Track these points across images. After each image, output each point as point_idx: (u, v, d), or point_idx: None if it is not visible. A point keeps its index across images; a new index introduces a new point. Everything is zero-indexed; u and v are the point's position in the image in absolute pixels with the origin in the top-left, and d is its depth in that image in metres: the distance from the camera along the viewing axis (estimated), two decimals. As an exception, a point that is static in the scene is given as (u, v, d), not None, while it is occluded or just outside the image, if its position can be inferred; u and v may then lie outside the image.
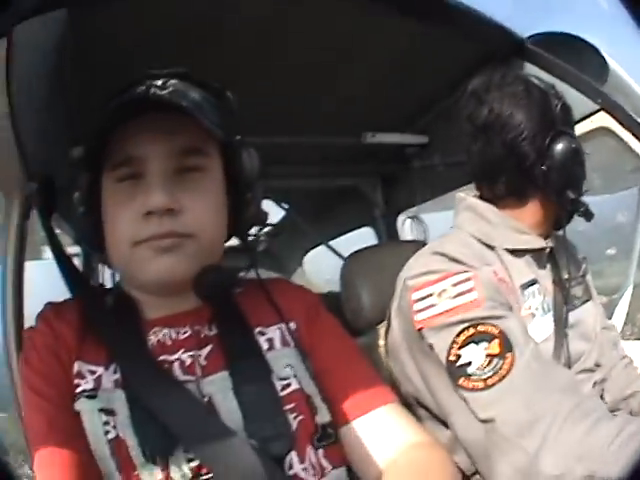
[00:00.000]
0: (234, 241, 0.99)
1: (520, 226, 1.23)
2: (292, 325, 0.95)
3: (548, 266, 1.27)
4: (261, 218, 0.96)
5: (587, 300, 1.34)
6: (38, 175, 1.19)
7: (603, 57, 1.80)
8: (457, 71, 1.72)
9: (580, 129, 1.53)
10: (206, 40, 1.41)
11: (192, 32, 1.37)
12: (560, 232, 1.28)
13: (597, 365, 1.26)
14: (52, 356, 0.83)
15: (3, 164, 1.24)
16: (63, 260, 1.02)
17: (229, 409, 0.82)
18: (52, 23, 1.09)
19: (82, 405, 0.80)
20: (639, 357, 1.39)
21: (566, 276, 1.28)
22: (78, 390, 0.81)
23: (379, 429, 0.89)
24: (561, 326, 1.19)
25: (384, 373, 1.26)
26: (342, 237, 2.95)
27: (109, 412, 0.79)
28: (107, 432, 0.78)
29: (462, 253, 1.14)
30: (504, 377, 0.97)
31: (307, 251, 3.31)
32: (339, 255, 2.66)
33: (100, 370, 0.83)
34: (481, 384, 0.98)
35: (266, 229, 0.98)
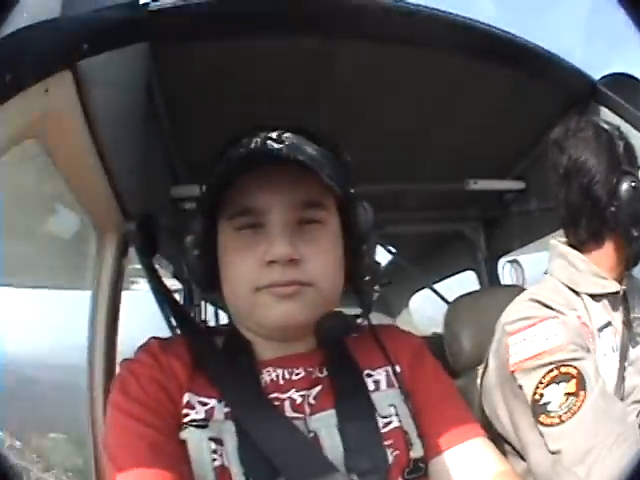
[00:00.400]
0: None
1: (600, 271, 1.29)
2: (397, 368, 0.97)
3: (620, 308, 1.32)
4: (374, 268, 0.99)
5: None
6: (138, 214, 1.25)
7: None
8: (544, 117, 1.78)
9: None
10: (317, 89, 1.54)
11: (302, 79, 1.47)
12: (630, 272, 1.34)
13: None
14: (157, 387, 0.85)
15: (97, 201, 1.23)
16: (166, 297, 1.11)
17: (332, 444, 0.85)
18: (132, 57, 1.12)
19: (190, 434, 0.83)
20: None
21: (634, 316, 1.33)
22: (186, 420, 0.84)
23: (469, 460, 0.91)
24: (624, 363, 1.25)
25: (477, 413, 1.31)
26: (446, 281, 3.04)
27: (218, 441, 0.82)
28: (214, 460, 0.81)
29: (553, 300, 1.23)
30: (575, 413, 1.08)
31: (412, 294, 3.42)
32: (443, 299, 2.73)
33: (212, 402, 0.87)
34: (557, 420, 1.09)
35: (380, 280, 1.02)
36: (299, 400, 0.88)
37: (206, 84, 1.43)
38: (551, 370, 1.12)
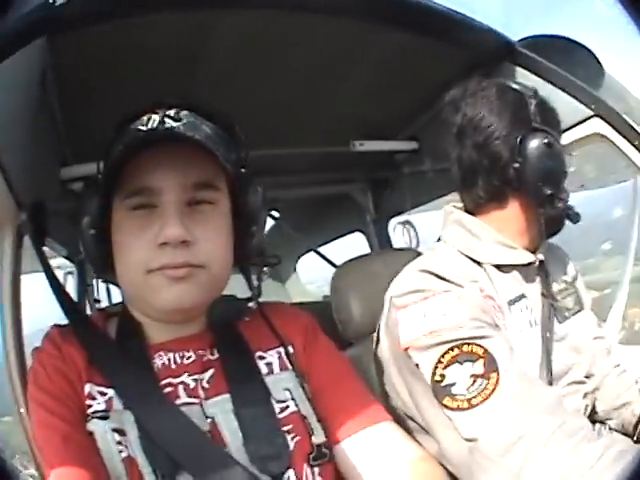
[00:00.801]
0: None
1: (505, 239, 1.21)
2: (290, 349, 0.99)
3: (537, 279, 1.26)
4: (263, 249, 1.00)
5: (579, 310, 1.32)
6: (28, 204, 1.25)
7: (598, 61, 1.77)
8: (447, 76, 1.67)
9: (573, 135, 1.53)
10: (199, 55, 1.41)
11: (184, 48, 1.37)
12: (550, 240, 1.27)
13: (587, 376, 1.25)
14: (62, 378, 0.86)
15: None
16: (54, 286, 1.08)
17: (230, 430, 0.86)
18: (31, 52, 1.08)
19: (94, 426, 0.83)
20: (632, 362, 1.40)
21: (557, 288, 1.28)
22: (90, 411, 0.84)
23: (379, 445, 0.94)
24: (548, 340, 1.19)
25: (375, 386, 1.26)
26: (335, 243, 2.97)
27: (121, 432, 0.83)
28: (120, 451, 0.82)
29: (447, 270, 1.13)
30: (488, 397, 0.99)
31: (299, 257, 3.31)
32: (330, 262, 2.69)
33: (111, 392, 0.86)
34: (466, 404, 1.00)
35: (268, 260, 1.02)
36: (192, 384, 0.89)
37: (94, 66, 1.34)
38: (451, 349, 1.03)
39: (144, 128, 0.88)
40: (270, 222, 2.63)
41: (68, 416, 0.83)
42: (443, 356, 1.03)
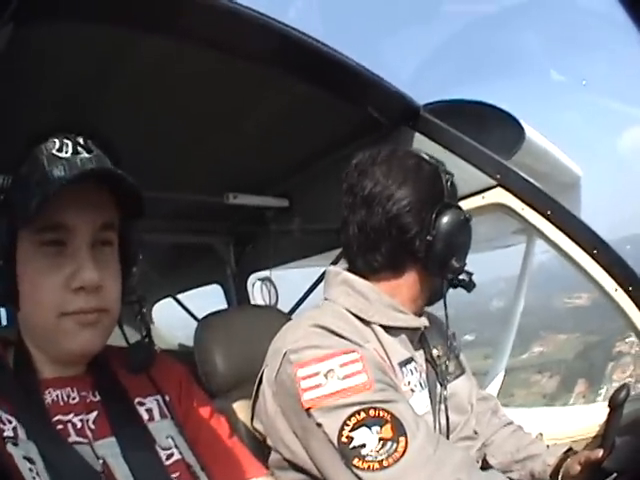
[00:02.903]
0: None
1: (396, 304, 1.20)
2: (167, 397, 0.97)
3: (421, 345, 1.27)
4: (138, 291, 0.98)
5: (460, 374, 1.34)
6: None
7: (519, 125, 1.81)
8: (335, 137, 1.67)
9: (475, 202, 1.55)
10: (102, 80, 1.30)
11: (92, 70, 1.26)
12: (430, 307, 1.28)
13: (476, 433, 1.29)
14: None
15: None
16: None
17: (123, 474, 0.84)
18: None
19: (10, 450, 0.79)
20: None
21: (438, 353, 1.29)
22: (4, 435, 0.80)
23: None
24: (436, 401, 1.21)
25: (246, 438, 1.23)
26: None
27: (30, 460, 0.79)
28: (34, 478, 0.78)
29: (341, 327, 1.11)
30: (399, 460, 0.98)
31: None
32: (192, 315, 2.64)
33: (14, 421, 0.82)
34: (377, 465, 0.98)
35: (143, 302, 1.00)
36: (79, 425, 0.86)
37: (14, 73, 1.18)
38: (357, 412, 1.01)
39: (63, 155, 0.84)
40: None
41: None
42: (349, 418, 1.00)
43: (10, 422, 0.82)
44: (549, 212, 1.48)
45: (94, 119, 0.87)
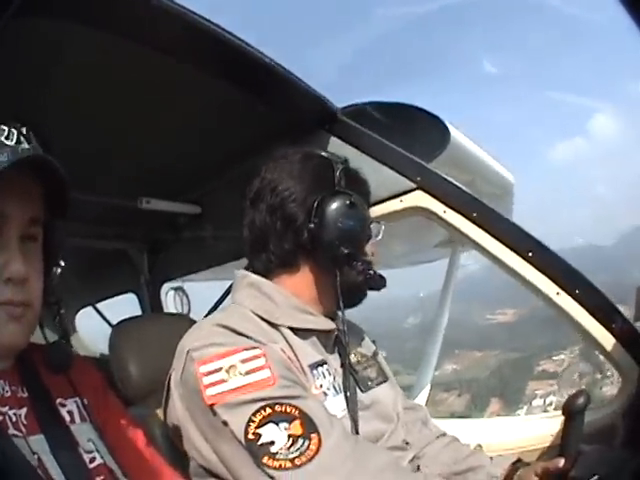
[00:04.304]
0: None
1: (303, 305, 1.18)
2: (85, 401, 0.96)
3: (336, 349, 1.23)
4: (58, 288, 0.96)
5: (383, 381, 1.30)
6: None
7: (445, 127, 1.77)
8: (249, 142, 1.61)
9: (393, 206, 1.50)
10: (40, 69, 1.24)
11: (35, 58, 1.20)
12: (340, 313, 1.22)
13: (407, 443, 1.24)
14: None
15: None
16: None
17: (56, 472, 0.83)
18: None
19: None
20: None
21: (355, 359, 1.26)
22: None
23: None
24: (355, 407, 1.16)
25: (162, 445, 1.21)
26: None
27: None
28: None
29: (246, 328, 1.08)
30: (313, 457, 0.94)
31: (77, 311, 3.08)
32: (106, 321, 2.61)
33: None
34: (289, 464, 0.94)
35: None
36: (14, 418, 0.85)
37: None
38: (263, 408, 0.97)
39: (9, 143, 0.83)
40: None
41: None
42: (255, 414, 0.97)
43: None
44: (475, 214, 1.43)
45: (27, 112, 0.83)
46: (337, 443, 0.97)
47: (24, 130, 0.86)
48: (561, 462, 1.08)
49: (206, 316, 2.18)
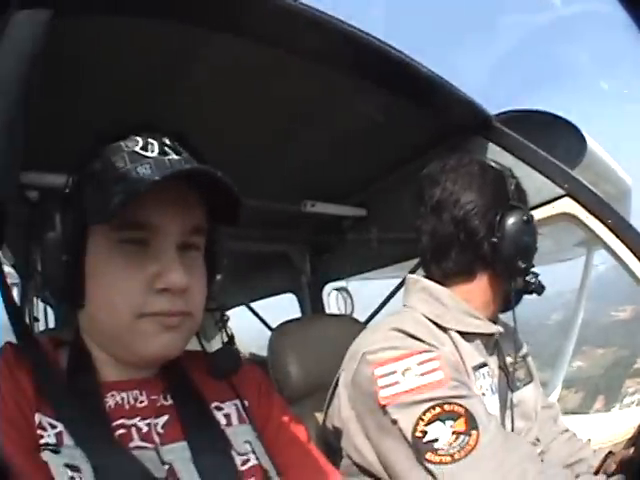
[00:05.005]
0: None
1: (472, 310, 1.22)
2: (246, 403, 0.94)
3: (495, 351, 1.27)
4: (221, 298, 0.96)
5: (529, 382, 1.35)
6: None
7: (582, 135, 1.83)
8: (411, 147, 1.65)
9: (544, 212, 1.54)
10: (176, 79, 1.29)
11: (165, 69, 1.25)
12: (506, 313, 1.28)
13: (538, 440, 1.29)
14: (14, 402, 0.75)
15: None
16: (11, 305, 0.90)
17: (191, 479, 0.80)
18: (32, 28, 0.94)
19: (48, 458, 0.73)
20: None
21: (510, 360, 1.29)
22: (42, 442, 0.74)
23: None
24: (505, 407, 1.22)
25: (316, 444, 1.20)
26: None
27: (74, 468, 0.73)
28: None
29: (419, 331, 1.12)
30: (470, 452, 0.99)
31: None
32: (266, 324, 2.63)
33: (60, 425, 0.77)
34: (449, 458, 0.99)
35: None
36: (145, 429, 0.82)
37: (82, 66, 1.17)
38: (433, 407, 1.02)
39: (149, 154, 0.80)
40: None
41: (21, 443, 0.73)
42: (424, 413, 1.02)
43: (53, 427, 0.77)
44: (610, 221, 1.48)
45: (164, 123, 0.83)
46: (492, 437, 1.01)
47: (167, 140, 0.84)
48: (630, 451, 1.10)
49: (371, 317, 2.23)
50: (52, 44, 1.05)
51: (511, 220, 1.18)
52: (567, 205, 1.52)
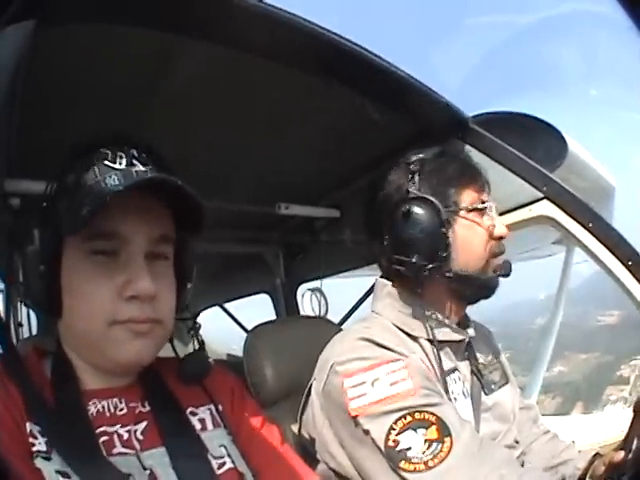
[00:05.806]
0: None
1: (439, 316, 1.21)
2: (220, 407, 0.96)
3: (466, 355, 1.27)
4: (194, 300, 0.98)
5: (505, 383, 1.34)
6: None
7: (562, 137, 1.82)
8: (385, 149, 1.63)
9: (521, 215, 1.53)
10: (153, 86, 1.29)
11: (143, 77, 1.25)
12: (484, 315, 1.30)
13: (517, 442, 1.28)
14: (7, 411, 0.78)
15: None
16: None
17: None
18: (15, 38, 0.94)
19: (40, 465, 0.76)
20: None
21: (484, 363, 1.29)
22: (34, 449, 0.77)
23: None
24: (479, 410, 1.21)
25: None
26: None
27: (65, 475, 0.76)
28: None
29: (387, 339, 1.12)
30: (444, 459, 0.99)
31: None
32: (241, 326, 2.69)
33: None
34: (422, 466, 0.99)
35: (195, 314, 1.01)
36: (126, 436, 0.85)
37: (66, 74, 1.16)
38: (404, 416, 1.03)
39: (117, 166, 0.83)
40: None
41: (15, 450, 0.75)
42: (396, 423, 1.02)
43: (44, 435, 0.79)
44: (590, 224, 1.46)
45: (141, 128, 0.85)
46: (466, 444, 1.02)
47: (135, 152, 0.86)
48: (620, 455, 1.08)
49: (343, 320, 2.23)
50: (32, 55, 1.04)
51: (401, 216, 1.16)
52: (545, 208, 1.51)
